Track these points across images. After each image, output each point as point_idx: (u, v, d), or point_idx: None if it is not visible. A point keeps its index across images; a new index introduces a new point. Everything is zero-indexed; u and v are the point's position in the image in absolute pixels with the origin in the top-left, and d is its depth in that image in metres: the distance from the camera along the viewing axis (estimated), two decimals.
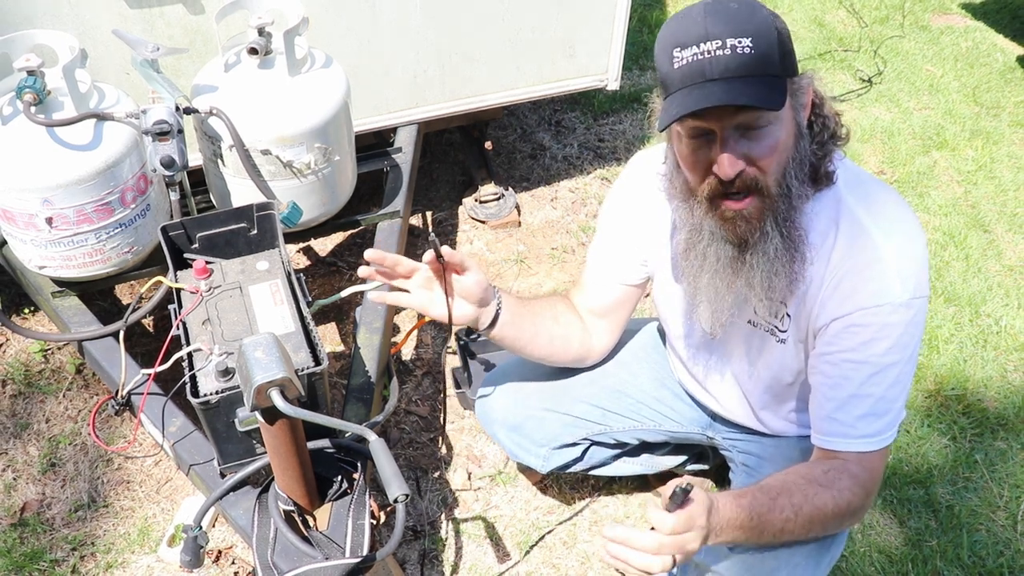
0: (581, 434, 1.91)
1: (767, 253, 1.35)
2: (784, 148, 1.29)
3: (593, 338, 1.78)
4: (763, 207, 1.32)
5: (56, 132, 1.77)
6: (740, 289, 1.41)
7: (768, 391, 1.65)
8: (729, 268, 1.40)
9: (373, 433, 1.21)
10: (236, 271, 1.66)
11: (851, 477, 1.40)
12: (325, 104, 1.99)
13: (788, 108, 1.27)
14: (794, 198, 1.32)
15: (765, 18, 1.23)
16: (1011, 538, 2.12)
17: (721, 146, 1.26)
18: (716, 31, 1.20)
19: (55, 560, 2.03)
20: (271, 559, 1.40)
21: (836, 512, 1.38)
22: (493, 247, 3.01)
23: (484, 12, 2.51)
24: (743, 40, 1.19)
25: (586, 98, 3.71)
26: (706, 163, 1.30)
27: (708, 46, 1.20)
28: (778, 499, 1.36)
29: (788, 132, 1.28)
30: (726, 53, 1.20)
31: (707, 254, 1.40)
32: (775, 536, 1.37)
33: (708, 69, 1.21)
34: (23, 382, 2.42)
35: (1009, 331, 2.70)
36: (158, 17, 2.11)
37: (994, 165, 3.45)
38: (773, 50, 1.22)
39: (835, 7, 4.56)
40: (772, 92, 1.22)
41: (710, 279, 1.42)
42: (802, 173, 1.33)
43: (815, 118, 1.35)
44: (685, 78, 1.23)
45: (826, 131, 1.36)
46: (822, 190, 1.38)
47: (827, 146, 1.37)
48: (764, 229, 1.33)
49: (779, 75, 1.24)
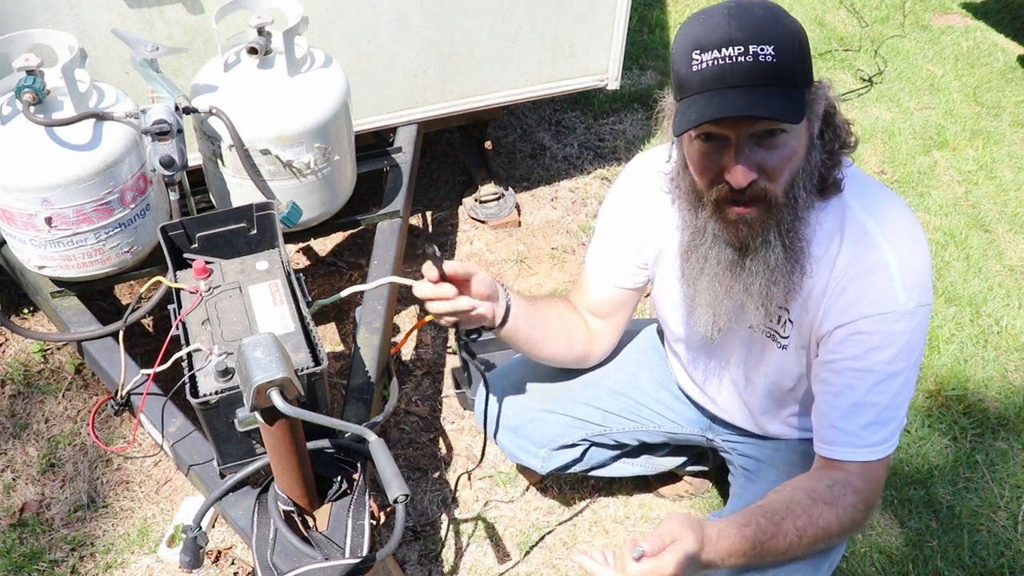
0: (580, 435, 1.90)
1: (767, 261, 1.35)
2: (797, 159, 1.28)
3: (594, 339, 1.77)
4: (768, 215, 1.31)
5: (55, 132, 1.77)
6: (738, 294, 1.40)
7: (768, 396, 1.64)
8: (728, 272, 1.39)
9: (373, 433, 1.21)
10: (236, 271, 1.65)
11: (855, 492, 1.38)
12: (325, 104, 1.99)
13: (804, 119, 1.25)
14: (800, 208, 1.31)
15: (788, 26, 1.21)
16: (1012, 538, 2.12)
17: (736, 155, 1.25)
18: (739, 36, 1.18)
19: (54, 560, 2.02)
20: (271, 559, 1.40)
21: (840, 530, 1.37)
22: (493, 247, 3.01)
23: (484, 12, 2.51)
24: (766, 48, 1.18)
25: (586, 98, 3.71)
26: (717, 168, 1.29)
27: (730, 51, 1.18)
28: (782, 524, 1.33)
29: (802, 143, 1.28)
30: (748, 60, 1.18)
31: (708, 257, 1.39)
32: (777, 558, 1.36)
33: (729, 75, 1.19)
34: (22, 382, 2.42)
35: (1010, 331, 2.69)
36: (157, 16, 2.10)
37: (995, 165, 3.45)
38: (795, 60, 1.20)
39: (836, 7, 4.56)
40: (792, 104, 1.21)
41: (709, 282, 1.42)
42: (810, 184, 1.32)
43: (827, 127, 1.34)
44: (705, 82, 1.21)
45: (837, 140, 1.35)
46: (829, 199, 1.37)
47: (837, 155, 1.36)
48: (767, 237, 1.33)
49: (799, 86, 1.23)
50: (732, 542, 1.29)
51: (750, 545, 1.30)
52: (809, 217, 1.34)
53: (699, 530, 1.26)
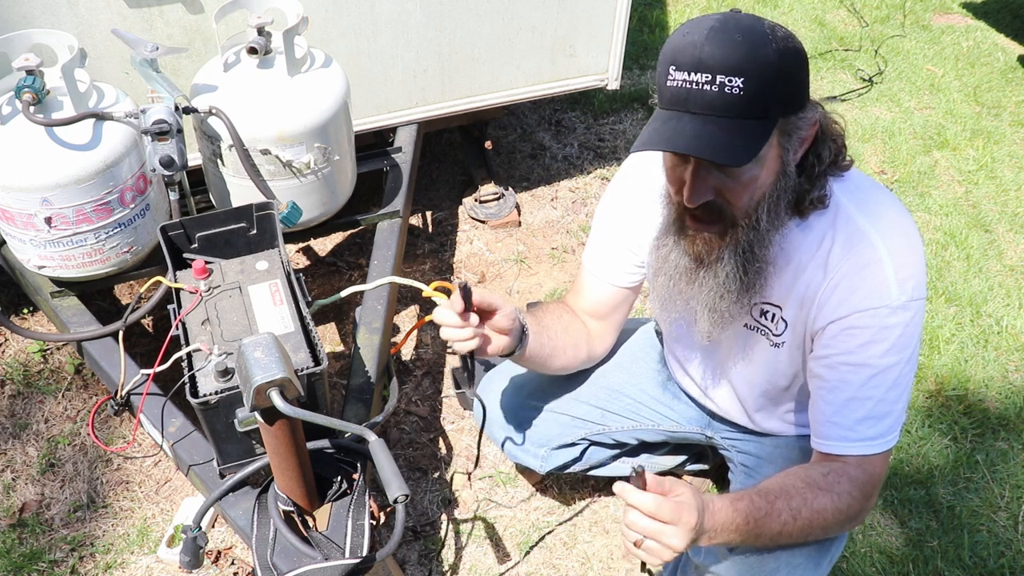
0: (580, 434, 1.90)
1: (717, 276, 1.36)
2: (760, 186, 1.28)
3: (594, 340, 1.77)
4: (725, 235, 1.32)
5: (55, 132, 1.77)
6: (689, 299, 1.43)
7: (764, 394, 1.65)
8: (683, 278, 1.41)
9: (373, 433, 1.21)
10: (235, 271, 1.65)
11: (851, 480, 1.39)
12: (324, 104, 1.99)
13: (775, 147, 1.25)
14: (762, 231, 1.32)
15: (767, 55, 1.17)
16: (1012, 539, 2.11)
17: (693, 176, 1.26)
18: (710, 64, 1.17)
19: (54, 561, 2.02)
20: (271, 560, 1.40)
21: (835, 516, 1.37)
22: (493, 247, 3.01)
23: (484, 11, 2.51)
24: (735, 80, 1.16)
25: (586, 98, 3.71)
26: (680, 180, 1.31)
27: (698, 77, 1.18)
28: (776, 503, 1.35)
29: (769, 171, 1.27)
30: (712, 90, 1.17)
31: (668, 258, 1.42)
32: (772, 539, 1.37)
33: (691, 101, 1.19)
34: (22, 382, 2.42)
35: (1010, 331, 2.69)
36: (157, 16, 2.10)
37: (995, 165, 3.45)
38: (767, 91, 1.18)
39: (836, 6, 4.56)
40: (747, 142, 1.20)
41: (664, 281, 1.44)
42: (777, 208, 1.31)
43: (810, 154, 1.32)
44: (671, 101, 1.22)
45: (819, 165, 1.33)
46: (807, 217, 1.37)
47: (819, 179, 1.35)
48: (721, 255, 1.34)
49: (768, 118, 1.21)
50: (726, 514, 1.30)
51: (743, 519, 1.31)
52: (773, 239, 1.34)
53: (697, 492, 1.28)
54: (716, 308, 1.40)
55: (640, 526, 1.23)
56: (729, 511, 1.30)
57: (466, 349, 1.46)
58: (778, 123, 1.23)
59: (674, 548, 1.23)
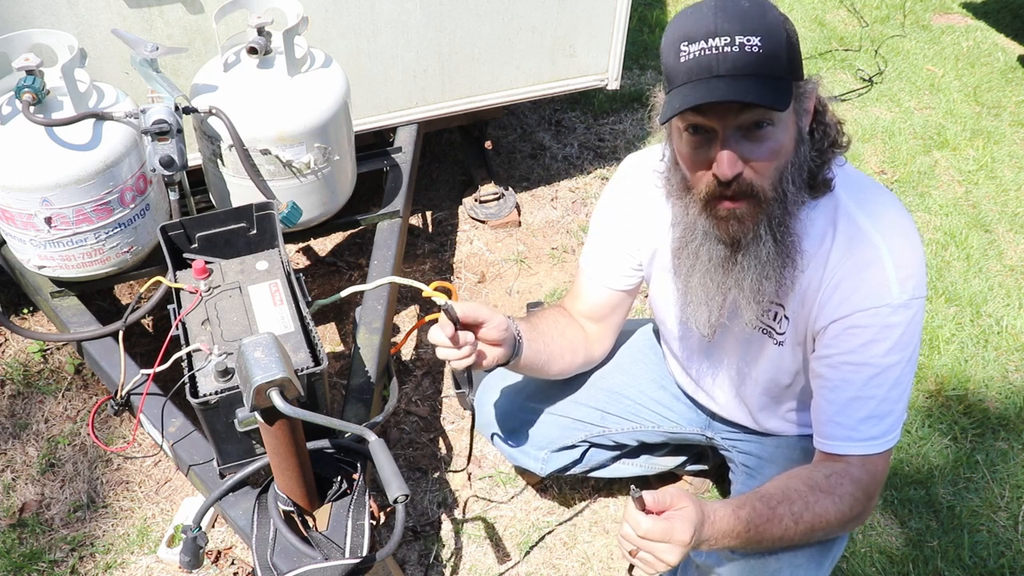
0: (580, 436, 1.90)
1: (759, 256, 1.35)
2: (784, 153, 1.28)
3: (592, 343, 1.77)
4: (758, 210, 1.31)
5: (55, 132, 1.77)
6: (730, 290, 1.40)
7: (766, 393, 1.64)
8: (720, 268, 1.39)
9: (373, 433, 1.21)
10: (235, 271, 1.65)
11: (853, 482, 1.39)
12: (324, 104, 1.99)
13: (791, 112, 1.26)
14: (789, 203, 1.31)
15: (775, 18, 1.22)
16: (1012, 539, 2.11)
17: (722, 145, 1.25)
18: (725, 27, 1.19)
19: (54, 561, 2.02)
20: (271, 560, 1.40)
21: (837, 518, 1.37)
22: (493, 247, 3.01)
23: (484, 11, 2.51)
24: (752, 39, 1.18)
25: (586, 98, 3.71)
26: (705, 162, 1.29)
27: (716, 42, 1.19)
28: (778, 508, 1.34)
29: (789, 137, 1.28)
30: (734, 50, 1.18)
31: (699, 253, 1.39)
32: (774, 544, 1.37)
33: (715, 65, 1.19)
34: (22, 382, 2.42)
35: (1010, 331, 2.69)
36: (157, 16, 2.10)
37: (995, 165, 3.45)
38: (781, 51, 1.21)
39: (836, 6, 4.56)
40: (778, 93, 1.21)
41: (701, 279, 1.42)
42: (800, 179, 1.32)
43: (816, 125, 1.34)
44: (691, 72, 1.21)
45: (826, 139, 1.35)
46: (819, 197, 1.38)
47: (826, 154, 1.36)
48: (757, 232, 1.33)
49: (785, 77, 1.23)
50: (727, 522, 1.30)
51: (744, 527, 1.31)
52: (799, 213, 1.35)
53: (699, 504, 1.28)
54: (762, 290, 1.37)
55: (632, 540, 1.26)
56: (731, 519, 1.30)
57: (462, 367, 1.47)
58: (791, 85, 1.25)
59: (667, 562, 1.25)
